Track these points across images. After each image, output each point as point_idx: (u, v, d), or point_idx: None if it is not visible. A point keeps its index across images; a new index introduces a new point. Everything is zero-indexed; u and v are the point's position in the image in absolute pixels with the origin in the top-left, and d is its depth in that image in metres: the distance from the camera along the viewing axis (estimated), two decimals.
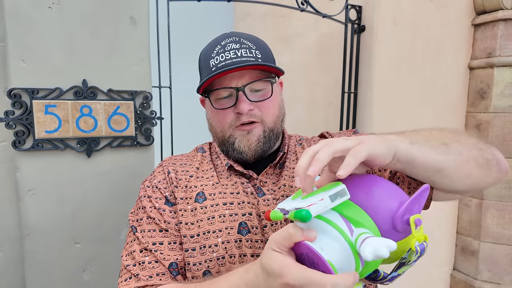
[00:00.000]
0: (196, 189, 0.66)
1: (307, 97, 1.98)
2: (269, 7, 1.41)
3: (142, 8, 0.99)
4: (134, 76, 1.00)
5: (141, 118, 1.02)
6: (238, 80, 0.64)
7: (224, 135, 0.68)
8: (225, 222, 0.62)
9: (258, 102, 0.65)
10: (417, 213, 0.40)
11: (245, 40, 0.66)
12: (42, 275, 0.94)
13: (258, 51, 0.65)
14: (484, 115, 1.73)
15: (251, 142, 0.65)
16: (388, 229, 0.40)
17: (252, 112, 0.65)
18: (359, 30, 1.60)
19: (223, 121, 0.67)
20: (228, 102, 0.65)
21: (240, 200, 0.64)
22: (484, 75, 1.72)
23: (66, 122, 0.92)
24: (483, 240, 1.77)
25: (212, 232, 0.61)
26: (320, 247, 0.37)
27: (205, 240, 0.61)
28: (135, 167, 1.02)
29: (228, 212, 0.63)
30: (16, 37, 0.85)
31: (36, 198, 0.91)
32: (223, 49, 0.64)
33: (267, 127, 0.67)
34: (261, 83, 0.65)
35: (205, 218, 0.62)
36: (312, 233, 0.38)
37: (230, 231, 0.61)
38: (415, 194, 0.39)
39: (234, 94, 0.64)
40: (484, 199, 1.75)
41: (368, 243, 0.35)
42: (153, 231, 0.62)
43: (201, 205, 0.64)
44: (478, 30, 1.76)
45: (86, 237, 0.98)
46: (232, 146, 0.67)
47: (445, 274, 1.94)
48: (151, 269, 0.59)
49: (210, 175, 0.68)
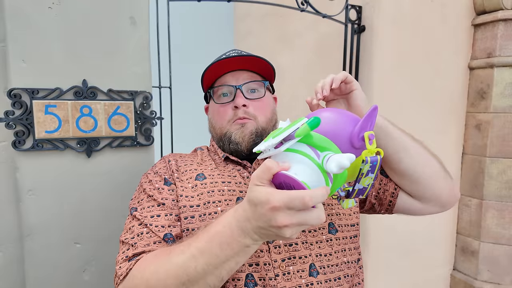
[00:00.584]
0: (196, 171, 0.72)
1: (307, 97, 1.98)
2: (269, 7, 1.41)
3: (142, 8, 0.99)
4: (134, 76, 1.00)
5: (141, 118, 1.02)
6: (237, 79, 0.76)
7: (222, 131, 0.76)
8: (224, 195, 0.67)
9: (252, 100, 0.75)
10: (370, 130, 0.46)
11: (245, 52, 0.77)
12: (42, 275, 0.94)
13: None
14: (484, 115, 1.73)
15: (245, 133, 0.73)
16: (348, 148, 0.47)
17: (247, 109, 0.74)
18: (359, 30, 1.60)
19: (223, 117, 0.76)
20: (228, 99, 0.76)
21: (237, 180, 0.71)
22: (484, 75, 1.72)
23: (66, 122, 0.92)
24: (483, 240, 1.77)
25: (212, 202, 0.66)
26: (294, 173, 0.42)
27: (205, 209, 0.65)
28: (135, 167, 1.02)
29: (227, 188, 0.69)
30: (16, 37, 0.85)
31: (36, 198, 0.91)
32: (225, 55, 0.76)
33: (259, 125, 0.75)
34: (256, 84, 0.77)
35: (205, 192, 0.68)
36: (286, 164, 0.43)
37: (229, 203, 0.66)
38: (366, 114, 0.46)
39: (233, 92, 0.75)
40: (484, 199, 1.75)
41: (332, 159, 0.41)
42: (152, 207, 0.67)
43: (201, 182, 0.69)
44: (478, 30, 1.76)
45: (86, 237, 0.98)
46: (229, 139, 0.75)
47: (445, 274, 1.94)
48: (148, 239, 0.62)
49: (209, 163, 0.76)
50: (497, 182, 1.72)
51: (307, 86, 1.98)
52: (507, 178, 1.70)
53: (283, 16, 2.03)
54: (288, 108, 2.07)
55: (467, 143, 1.84)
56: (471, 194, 1.82)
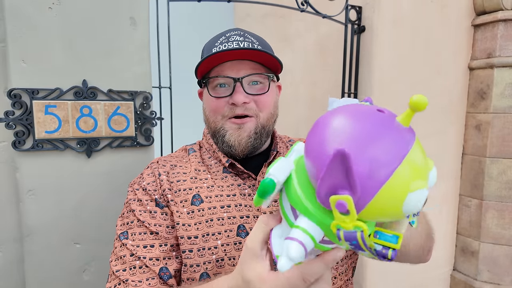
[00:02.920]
0: (191, 192, 0.64)
1: (307, 98, 1.98)
2: (269, 7, 1.41)
3: (142, 8, 0.99)
4: (134, 76, 1.00)
5: (141, 119, 1.02)
6: (237, 70, 0.64)
7: (216, 126, 0.67)
8: (224, 225, 0.61)
9: (254, 95, 0.65)
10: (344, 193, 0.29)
11: (249, 36, 0.66)
12: (42, 275, 0.94)
13: (260, 46, 0.65)
14: (484, 115, 1.73)
15: (242, 137, 0.65)
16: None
17: (247, 106, 0.64)
18: (359, 30, 1.60)
19: (217, 111, 0.66)
20: (225, 92, 0.65)
21: (237, 202, 0.64)
22: (484, 75, 1.72)
23: (66, 122, 0.92)
24: (483, 240, 1.77)
25: (212, 235, 0.61)
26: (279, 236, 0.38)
27: (204, 242, 0.60)
28: (135, 168, 1.02)
29: (226, 215, 0.62)
30: (16, 38, 0.85)
31: (36, 199, 0.91)
32: (226, 40, 0.64)
33: (259, 123, 0.66)
34: (259, 77, 0.65)
35: (203, 221, 0.61)
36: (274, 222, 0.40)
37: (230, 234, 0.61)
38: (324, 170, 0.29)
39: (231, 84, 0.64)
40: (484, 200, 1.75)
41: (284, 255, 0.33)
42: (144, 234, 0.61)
43: (198, 208, 0.63)
44: (478, 30, 1.76)
45: (86, 238, 0.98)
46: (223, 138, 0.66)
47: (445, 274, 1.94)
48: (142, 274, 0.58)
49: (204, 177, 0.67)
50: (497, 183, 1.72)
51: (307, 86, 1.98)
52: (507, 179, 1.70)
53: (283, 16, 2.03)
54: (288, 109, 2.07)
55: (467, 143, 1.84)
56: (471, 194, 1.82)
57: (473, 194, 1.81)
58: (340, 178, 0.29)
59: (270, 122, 0.68)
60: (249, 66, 0.64)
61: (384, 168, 0.28)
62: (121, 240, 0.62)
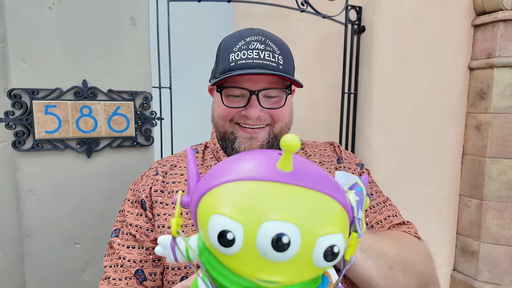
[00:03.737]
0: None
1: (307, 98, 1.98)
2: (269, 7, 1.41)
3: (142, 8, 0.99)
4: (134, 76, 1.00)
5: (141, 119, 1.01)
6: (255, 83, 0.61)
7: (225, 130, 0.65)
8: None
9: (269, 109, 0.63)
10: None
11: (270, 42, 0.63)
12: (42, 275, 0.94)
13: (281, 56, 0.62)
14: (484, 115, 1.73)
15: (253, 146, 0.63)
16: None
17: (261, 118, 0.62)
18: (359, 30, 1.60)
19: (226, 117, 0.64)
20: (239, 102, 0.62)
21: None
22: (484, 75, 1.72)
23: (66, 122, 0.92)
24: (483, 240, 1.77)
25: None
26: None
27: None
28: (135, 168, 1.02)
29: None
30: (16, 38, 0.85)
31: (36, 199, 0.91)
32: (246, 46, 0.61)
33: (272, 132, 0.64)
34: (277, 91, 0.63)
35: (190, 224, 0.60)
36: None
37: None
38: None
39: (247, 96, 0.61)
40: (484, 200, 1.75)
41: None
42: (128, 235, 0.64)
43: (186, 211, 0.61)
44: (478, 30, 1.76)
45: (86, 238, 0.98)
46: (232, 144, 0.64)
47: (445, 275, 1.94)
48: (122, 273, 0.62)
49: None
50: (497, 183, 1.72)
51: (307, 86, 1.98)
52: (507, 179, 1.70)
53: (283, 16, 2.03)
54: None
55: (467, 143, 1.84)
56: (471, 194, 1.82)
57: (473, 194, 1.81)
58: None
59: (284, 132, 0.67)
60: (267, 80, 0.61)
61: (206, 186, 0.29)
62: (112, 238, 0.66)
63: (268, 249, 0.24)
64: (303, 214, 0.26)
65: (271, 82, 0.62)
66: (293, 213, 0.25)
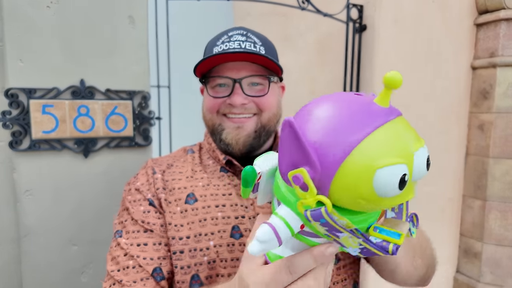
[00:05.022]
0: (185, 190, 0.63)
1: (308, 97, 1.97)
2: (270, 6, 1.40)
3: (141, 7, 0.98)
4: (132, 75, 0.99)
5: (139, 118, 1.01)
6: (237, 71, 0.62)
7: (213, 123, 0.66)
8: (217, 225, 0.60)
9: (253, 97, 0.63)
10: (303, 166, 0.28)
11: (252, 35, 0.65)
12: (39, 276, 0.93)
13: (263, 47, 0.64)
14: (487, 115, 1.72)
15: (240, 136, 0.63)
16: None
17: (246, 106, 0.63)
18: (360, 29, 1.59)
19: (213, 108, 0.65)
20: (223, 92, 0.64)
21: (233, 202, 0.62)
22: (487, 75, 1.71)
23: (63, 122, 0.91)
24: (486, 241, 1.75)
25: (204, 235, 0.59)
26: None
27: (196, 243, 0.59)
28: (133, 168, 1.01)
29: (221, 214, 0.61)
30: (13, 37, 0.85)
31: (33, 199, 0.91)
32: (228, 39, 0.63)
33: (260, 121, 0.65)
34: (260, 78, 0.64)
35: (197, 220, 0.60)
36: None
37: (223, 234, 0.60)
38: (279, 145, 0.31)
39: (231, 85, 0.63)
40: (487, 200, 1.73)
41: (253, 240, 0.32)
42: (137, 232, 0.61)
43: (192, 207, 0.61)
44: (480, 29, 1.74)
45: (83, 239, 0.97)
46: (220, 136, 0.65)
47: (448, 276, 1.92)
48: (135, 274, 0.57)
49: (200, 177, 0.66)
50: (500, 183, 1.70)
51: (308, 85, 1.97)
52: (511, 179, 1.68)
53: (283, 15, 2.02)
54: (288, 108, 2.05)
55: (470, 143, 1.82)
56: (474, 195, 1.80)
57: (476, 195, 1.79)
58: (295, 152, 0.29)
59: (272, 123, 0.67)
60: (250, 68, 0.63)
61: (343, 144, 0.27)
62: (116, 239, 0.61)
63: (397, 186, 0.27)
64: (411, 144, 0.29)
65: (254, 70, 0.63)
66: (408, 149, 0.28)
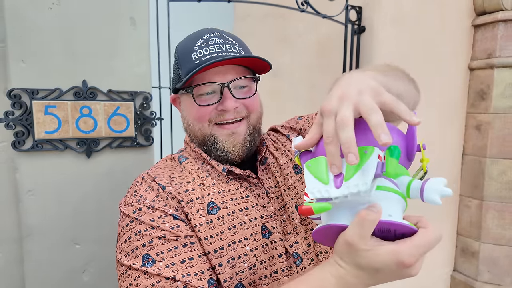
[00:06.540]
0: (204, 200, 0.59)
1: (307, 98, 1.98)
2: (269, 7, 1.41)
3: (142, 8, 0.99)
4: (134, 76, 0.99)
5: (141, 119, 1.01)
6: (223, 75, 0.61)
7: (204, 134, 0.64)
8: (248, 229, 0.59)
9: (242, 99, 0.63)
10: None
11: (227, 37, 0.64)
12: (42, 275, 0.94)
13: (241, 48, 0.64)
14: (484, 116, 1.73)
15: (237, 142, 0.63)
16: (403, 162, 0.42)
17: (238, 109, 0.63)
18: (359, 30, 1.60)
19: (203, 117, 0.63)
20: (211, 99, 0.62)
21: (252, 203, 0.62)
22: (484, 76, 1.72)
23: (65, 122, 0.91)
24: (483, 241, 1.76)
25: (238, 242, 0.57)
26: (389, 215, 0.38)
27: (232, 252, 0.56)
28: (135, 168, 1.02)
29: (248, 218, 0.60)
30: (16, 38, 0.85)
31: (36, 199, 0.91)
32: (206, 43, 0.61)
33: (251, 124, 0.65)
34: (246, 80, 0.64)
35: (226, 229, 0.57)
36: (378, 208, 0.38)
37: (256, 237, 0.59)
38: (408, 129, 0.43)
39: (218, 91, 0.61)
40: (484, 200, 1.74)
41: (428, 189, 0.38)
42: (175, 249, 0.52)
43: (216, 216, 0.58)
44: (478, 31, 1.76)
45: (85, 238, 0.98)
46: (215, 145, 0.63)
47: (446, 275, 1.94)
48: None
49: (211, 183, 0.63)
50: (497, 183, 1.71)
51: (307, 86, 1.98)
52: (507, 179, 1.69)
53: (283, 16, 2.03)
54: (288, 109, 2.06)
55: (468, 143, 1.84)
56: (472, 195, 1.82)
57: (474, 195, 1.81)
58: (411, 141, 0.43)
59: (259, 122, 0.68)
60: (234, 71, 0.62)
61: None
62: (146, 267, 0.51)
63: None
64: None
65: (239, 73, 0.63)
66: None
